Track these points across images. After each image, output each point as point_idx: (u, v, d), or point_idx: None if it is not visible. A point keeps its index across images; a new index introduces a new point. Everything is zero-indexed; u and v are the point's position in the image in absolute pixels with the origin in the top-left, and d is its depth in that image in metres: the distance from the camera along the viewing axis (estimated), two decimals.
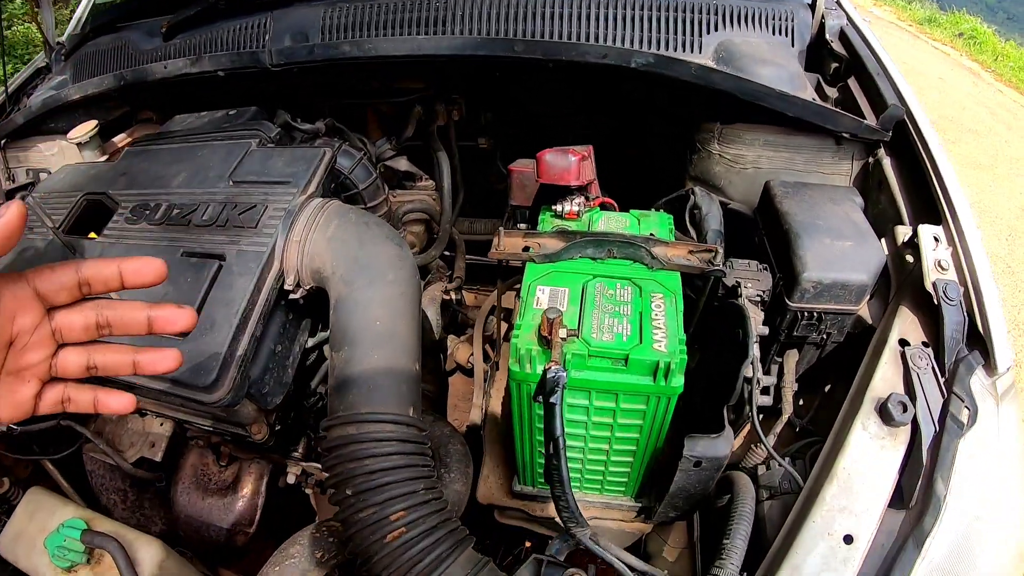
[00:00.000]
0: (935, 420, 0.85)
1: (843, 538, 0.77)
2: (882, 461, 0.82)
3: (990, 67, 7.87)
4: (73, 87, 1.71)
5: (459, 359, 1.59)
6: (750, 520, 0.83)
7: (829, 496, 0.80)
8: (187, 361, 0.94)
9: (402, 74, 1.51)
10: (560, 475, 0.75)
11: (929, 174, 1.13)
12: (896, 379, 0.89)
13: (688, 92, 1.23)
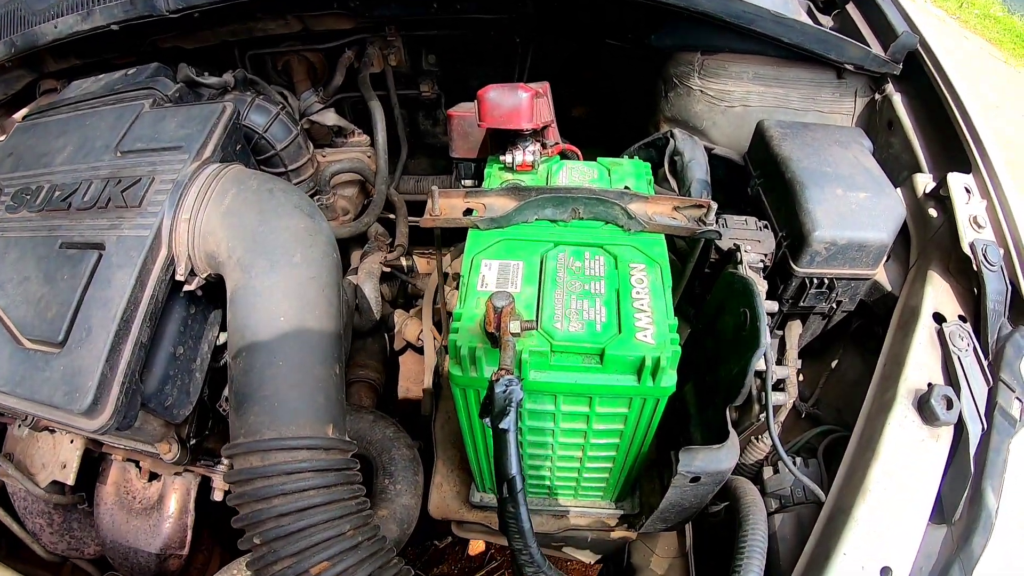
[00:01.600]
0: (981, 414, 0.67)
1: (880, 571, 0.59)
2: (923, 469, 0.65)
3: (955, 14, 7.72)
4: None
5: (408, 337, 1.40)
6: (763, 548, 0.65)
7: (861, 517, 0.62)
8: (62, 381, 0.73)
9: (323, 12, 1.26)
10: (519, 525, 0.55)
11: (953, 112, 0.94)
12: (934, 364, 0.72)
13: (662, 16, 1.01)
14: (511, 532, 0.55)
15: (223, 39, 1.40)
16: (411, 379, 1.50)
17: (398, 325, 1.43)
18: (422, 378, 1.33)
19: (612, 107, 1.37)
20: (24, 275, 0.87)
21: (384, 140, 1.36)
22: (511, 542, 0.57)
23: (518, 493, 0.53)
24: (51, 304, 0.82)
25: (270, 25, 1.31)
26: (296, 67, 1.44)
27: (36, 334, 0.81)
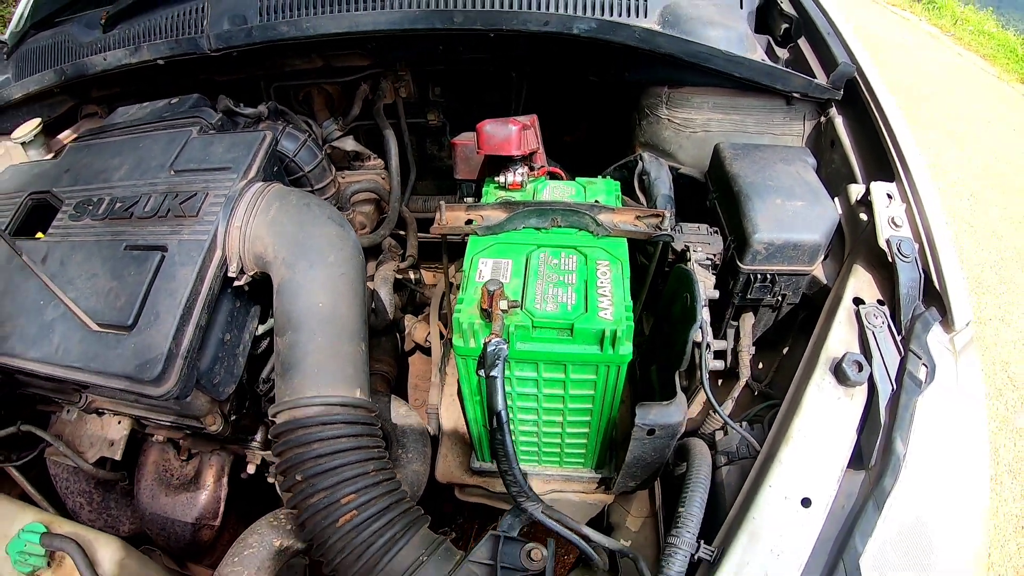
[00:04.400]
0: (892, 378, 0.83)
1: (801, 501, 0.75)
2: (838, 421, 0.80)
3: (949, 31, 7.91)
4: (15, 86, 1.67)
5: (417, 339, 1.56)
6: (706, 487, 0.81)
7: (785, 458, 0.78)
8: (134, 356, 0.90)
9: (344, 52, 1.46)
10: (505, 450, 0.72)
11: (881, 131, 1.11)
12: (851, 338, 0.87)
13: (634, 57, 1.19)
14: (499, 456, 0.72)
15: (253, 73, 1.60)
16: (419, 376, 1.67)
17: (408, 328, 1.60)
18: (428, 377, 1.48)
19: (596, 134, 1.55)
20: (92, 272, 1.03)
21: (397, 164, 1.55)
22: (499, 464, 0.74)
23: (504, 424, 0.70)
24: (120, 295, 0.98)
25: (296, 62, 1.50)
26: (316, 98, 1.63)
27: (106, 319, 0.97)
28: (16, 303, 1.08)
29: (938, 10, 8.43)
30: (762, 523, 0.73)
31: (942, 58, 6.80)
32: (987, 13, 8.71)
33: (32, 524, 1.06)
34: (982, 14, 8.56)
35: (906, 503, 0.76)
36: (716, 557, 0.72)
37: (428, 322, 1.55)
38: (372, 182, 1.54)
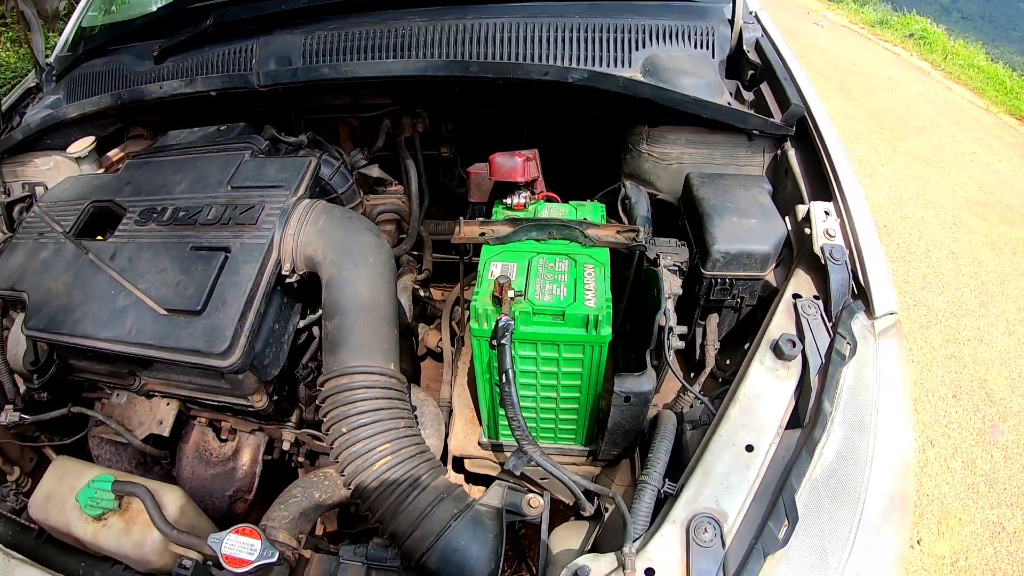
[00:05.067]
0: (822, 354, 1.04)
1: (745, 447, 0.96)
2: (776, 387, 1.02)
3: (940, 66, 8.26)
4: (70, 106, 1.89)
5: (429, 344, 1.78)
6: (670, 440, 1.03)
7: (733, 415, 0.99)
8: (203, 334, 1.13)
9: (373, 92, 1.71)
10: (511, 400, 0.95)
11: (823, 161, 1.34)
12: (789, 324, 1.10)
13: (620, 101, 1.44)
14: (506, 405, 0.95)
15: (289, 106, 1.85)
16: (431, 379, 1.90)
17: (421, 335, 1.82)
18: (439, 379, 1.68)
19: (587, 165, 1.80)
20: (160, 268, 1.25)
21: (416, 189, 1.80)
22: (507, 412, 0.96)
23: (511, 379, 0.93)
24: (189, 286, 1.19)
25: (328, 98, 1.76)
26: (341, 130, 1.89)
27: (175, 305, 1.18)
28: (86, 293, 1.28)
29: (929, 45, 8.82)
30: (713, 463, 0.94)
31: (931, 92, 7.13)
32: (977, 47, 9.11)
33: (102, 476, 1.21)
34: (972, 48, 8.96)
35: (833, 451, 0.96)
36: (677, 492, 0.94)
37: (439, 330, 1.78)
38: (394, 204, 1.79)
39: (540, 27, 1.57)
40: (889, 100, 6.61)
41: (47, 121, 1.85)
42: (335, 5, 1.68)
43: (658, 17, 1.62)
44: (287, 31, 1.71)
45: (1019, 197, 5.03)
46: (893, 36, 9.31)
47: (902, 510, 0.93)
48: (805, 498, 0.91)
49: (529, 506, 1.05)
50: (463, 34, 1.57)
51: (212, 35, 1.78)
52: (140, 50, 1.95)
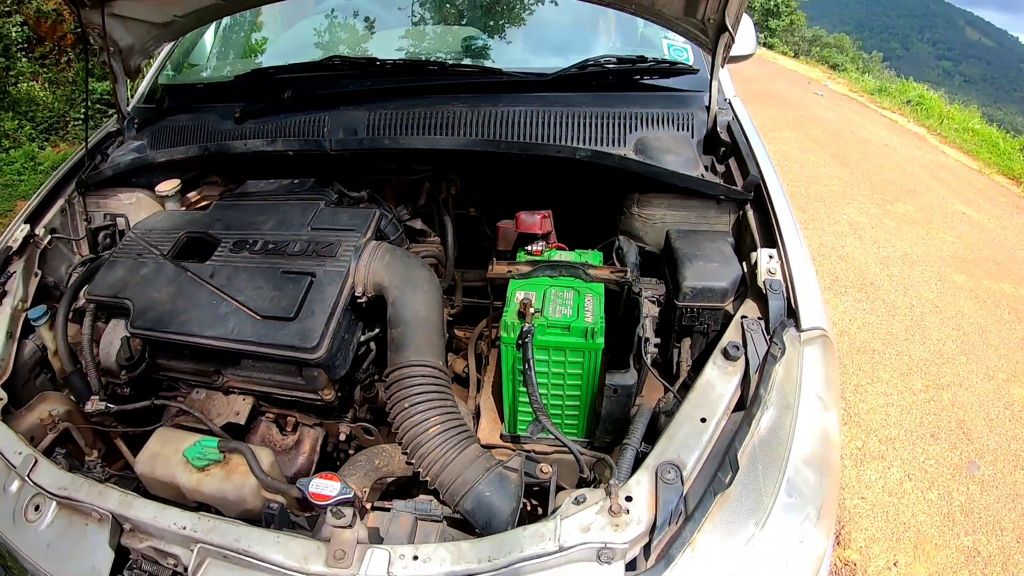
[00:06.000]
0: (760, 356, 1.42)
1: (700, 419, 1.32)
2: (725, 380, 1.40)
3: (936, 130, 8.84)
4: (159, 151, 2.28)
5: (456, 370, 2.14)
6: (647, 417, 1.43)
7: (692, 398, 1.36)
8: (297, 335, 1.53)
9: (418, 160, 2.19)
10: (531, 380, 1.37)
11: (771, 218, 1.75)
12: (736, 337, 1.49)
13: (616, 173, 1.88)
14: (528, 384, 1.36)
15: (348, 167, 2.20)
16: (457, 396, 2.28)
17: (450, 362, 2.19)
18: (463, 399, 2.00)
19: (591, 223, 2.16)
20: (256, 286, 1.62)
21: (451, 241, 2.23)
22: (528, 391, 1.37)
23: (531, 366, 1.35)
24: (282, 299, 1.56)
25: (382, 163, 2.22)
26: (386, 189, 2.32)
27: (271, 313, 1.54)
28: (190, 302, 1.64)
29: (926, 111, 9.45)
30: (676, 431, 1.30)
31: (926, 156, 7.68)
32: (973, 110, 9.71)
33: (206, 438, 1.52)
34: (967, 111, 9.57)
35: (767, 424, 1.30)
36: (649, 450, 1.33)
37: (465, 358, 2.15)
38: (433, 252, 2.21)
39: (555, 114, 2.05)
40: (883, 165, 7.11)
41: (137, 162, 2.24)
42: (393, 90, 2.17)
43: (648, 106, 2.10)
44: (353, 108, 2.20)
45: (1006, 253, 5.42)
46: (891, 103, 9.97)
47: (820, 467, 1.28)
48: (745, 457, 1.24)
49: (541, 472, 1.45)
50: (494, 118, 2.06)
51: (288, 105, 2.26)
52: (222, 110, 2.41)
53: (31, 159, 6.86)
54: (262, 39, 3.47)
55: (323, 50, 3.16)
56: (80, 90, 8.08)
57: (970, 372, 3.96)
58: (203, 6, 2.23)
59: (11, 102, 7.52)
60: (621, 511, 1.16)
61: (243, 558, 1.21)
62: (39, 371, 1.94)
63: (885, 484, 3.14)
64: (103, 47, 2.31)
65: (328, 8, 3.27)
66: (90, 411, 1.76)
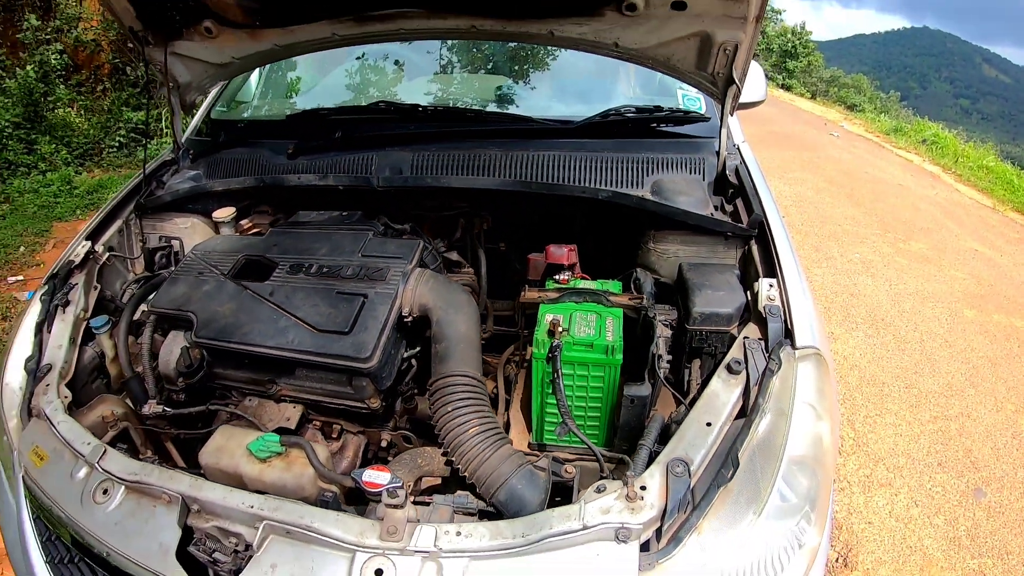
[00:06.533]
0: (759, 371, 1.63)
1: (706, 424, 1.53)
2: (728, 391, 1.61)
3: (950, 169, 9.05)
4: (216, 181, 2.50)
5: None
6: (660, 423, 1.64)
7: (699, 406, 1.58)
8: (351, 346, 1.73)
9: (455, 197, 2.46)
10: (559, 388, 1.61)
11: (772, 251, 1.97)
12: (739, 354, 1.70)
13: (634, 212, 2.13)
14: (556, 391, 1.60)
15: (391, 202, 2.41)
16: None
17: None
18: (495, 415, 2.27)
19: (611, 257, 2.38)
20: (313, 303, 1.81)
21: (484, 272, 2.45)
22: (556, 397, 1.61)
23: (559, 375, 1.58)
24: (337, 316, 1.74)
25: (422, 200, 2.49)
26: (424, 223, 2.60)
27: (327, 327, 1.72)
28: (251, 315, 1.82)
29: (941, 149, 9.68)
30: (685, 432, 1.50)
31: (939, 195, 7.90)
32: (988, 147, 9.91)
33: (268, 433, 1.67)
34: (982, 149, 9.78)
35: (764, 428, 1.51)
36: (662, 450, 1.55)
37: (494, 380, 2.35)
38: (467, 281, 2.46)
39: (580, 159, 2.32)
40: (897, 204, 7.33)
41: (195, 190, 2.47)
42: (434, 134, 2.46)
43: (663, 152, 2.37)
44: (398, 149, 2.47)
45: (1017, 288, 5.57)
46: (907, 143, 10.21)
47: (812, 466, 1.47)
48: (745, 456, 1.42)
49: (565, 471, 1.68)
50: (525, 161, 2.32)
51: (338, 144, 2.54)
52: (274, 146, 2.67)
53: (67, 182, 7.28)
54: (296, 79, 3.81)
55: (354, 91, 3.55)
56: (116, 119, 8.55)
57: (978, 404, 4.12)
58: (260, 50, 2.48)
59: (48, 127, 8.02)
60: (637, 497, 1.37)
61: (306, 533, 1.36)
62: (96, 376, 2.11)
63: (892, 510, 3.31)
64: (163, 83, 2.58)
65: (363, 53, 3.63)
66: (147, 413, 1.91)
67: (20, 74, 7.77)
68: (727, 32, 1.93)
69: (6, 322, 4.59)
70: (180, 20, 2.30)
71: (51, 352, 1.97)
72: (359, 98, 3.51)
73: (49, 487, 1.62)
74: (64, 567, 1.64)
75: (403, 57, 3.66)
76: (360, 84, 3.66)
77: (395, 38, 2.36)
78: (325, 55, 3.74)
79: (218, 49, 2.46)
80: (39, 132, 7.81)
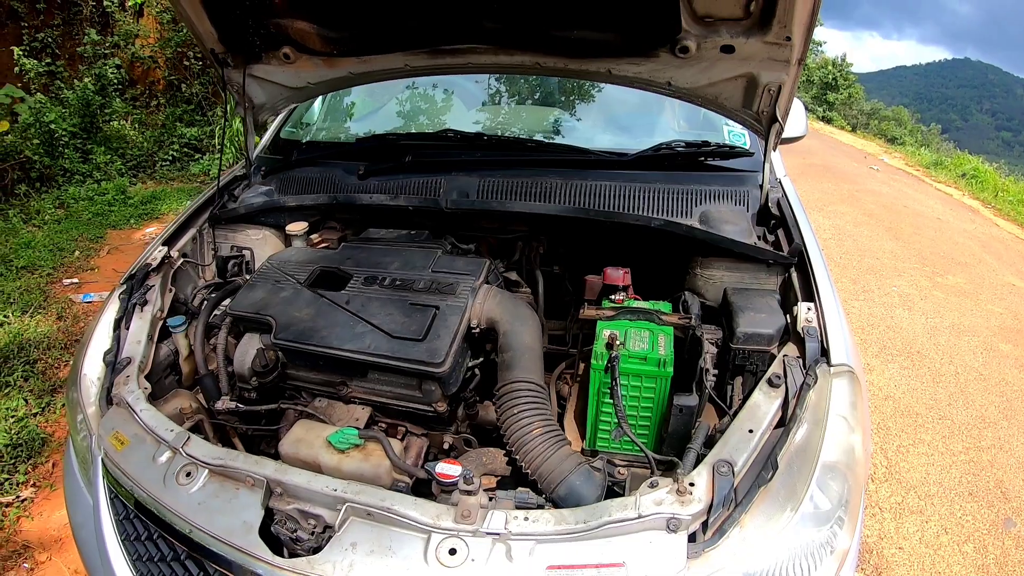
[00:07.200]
0: (797, 385, 1.81)
1: (748, 431, 1.71)
2: (769, 402, 1.79)
3: (990, 203, 9.11)
4: (290, 196, 2.71)
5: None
6: (707, 429, 1.83)
7: (742, 415, 1.76)
8: (426, 352, 1.92)
9: (516, 221, 2.69)
10: (617, 394, 1.83)
11: (811, 278, 2.16)
12: (779, 370, 1.88)
13: (683, 239, 2.34)
14: (614, 397, 1.81)
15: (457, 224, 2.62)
16: None
17: None
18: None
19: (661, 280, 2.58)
20: (388, 312, 1.97)
21: (541, 291, 2.64)
22: (614, 403, 1.82)
23: (617, 383, 1.80)
24: (411, 324, 1.90)
25: (485, 222, 2.73)
26: (482, 244, 2.81)
27: (402, 334, 1.87)
28: (329, 321, 1.97)
29: (980, 184, 9.75)
30: (729, 438, 1.68)
31: (978, 229, 7.99)
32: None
33: (347, 428, 1.80)
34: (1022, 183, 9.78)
35: (801, 436, 1.68)
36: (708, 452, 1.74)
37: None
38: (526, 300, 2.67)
39: (634, 189, 2.53)
40: (935, 238, 7.43)
41: (269, 204, 2.67)
42: (498, 161, 2.72)
43: (711, 184, 2.58)
44: (465, 174, 2.68)
45: None
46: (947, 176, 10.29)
47: (844, 472, 1.64)
48: (784, 460, 1.56)
49: (618, 473, 1.89)
50: (583, 190, 2.54)
51: (407, 167, 2.77)
52: (346, 166, 2.83)
53: (122, 192, 7.70)
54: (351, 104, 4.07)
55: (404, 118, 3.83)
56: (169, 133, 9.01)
57: (1011, 436, 4.22)
58: (334, 77, 2.63)
59: (103, 138, 8.51)
60: (686, 492, 1.54)
61: (385, 515, 1.48)
62: (169, 372, 2.25)
63: (922, 536, 3.44)
64: (239, 102, 2.79)
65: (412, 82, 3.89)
66: (220, 409, 2.05)
67: (78, 86, 8.26)
68: (772, 74, 2.13)
69: (61, 321, 4.88)
70: (260, 45, 2.49)
71: (130, 347, 2.11)
72: (410, 125, 3.78)
73: (131, 469, 1.74)
74: (140, 543, 1.75)
75: (453, 86, 3.91)
76: (410, 112, 3.92)
77: (463, 71, 2.61)
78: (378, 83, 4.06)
79: (295, 74, 2.63)
80: (95, 142, 8.28)
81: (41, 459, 3.58)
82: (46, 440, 3.70)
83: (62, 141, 7.65)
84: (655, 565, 1.43)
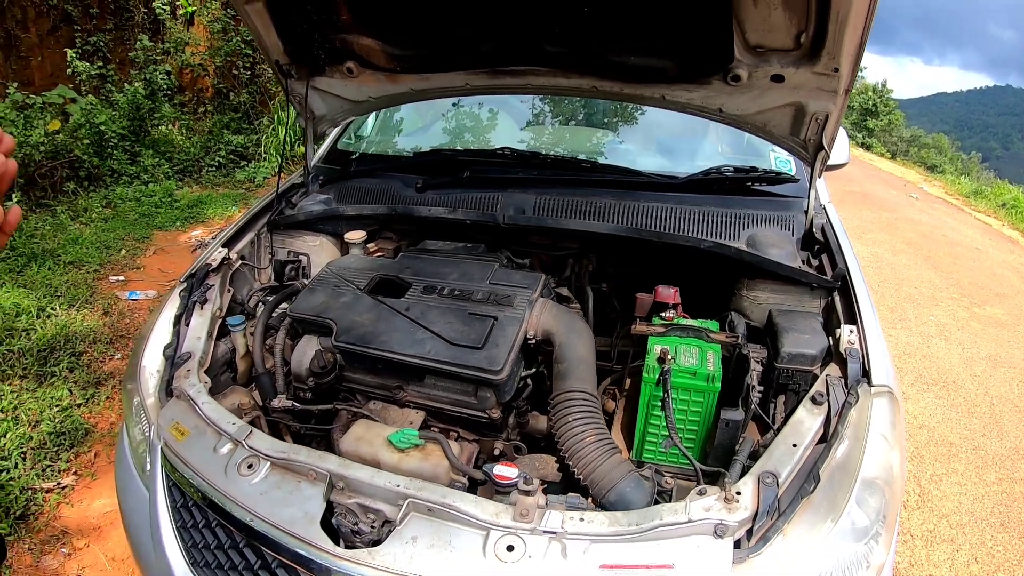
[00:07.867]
0: (840, 403, 1.91)
1: (792, 444, 1.81)
2: (812, 418, 1.89)
3: None
4: (349, 206, 2.80)
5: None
6: (752, 443, 1.95)
7: (786, 431, 1.86)
8: (484, 359, 2.02)
9: (568, 239, 2.82)
10: (669, 406, 1.95)
11: (853, 301, 2.27)
12: (822, 388, 1.98)
13: (731, 261, 2.45)
14: (665, 408, 1.94)
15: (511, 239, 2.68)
16: None
17: None
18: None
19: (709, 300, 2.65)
20: (447, 321, 2.03)
21: (591, 308, 2.71)
22: (666, 414, 1.94)
23: (669, 396, 1.93)
24: (470, 332, 1.96)
25: (538, 238, 2.86)
26: (534, 259, 2.92)
27: (461, 342, 1.92)
28: (389, 327, 2.04)
29: (1020, 214, 9.70)
30: (773, 451, 1.77)
31: (1017, 260, 8.01)
32: None
33: (407, 428, 1.86)
34: None
35: (842, 451, 1.77)
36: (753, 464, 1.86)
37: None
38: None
39: (685, 211, 2.66)
40: (974, 268, 7.44)
41: (327, 212, 2.76)
42: (553, 180, 2.86)
43: (759, 209, 2.70)
44: (521, 191, 2.81)
45: None
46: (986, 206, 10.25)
47: (882, 487, 1.73)
48: (825, 474, 1.63)
49: (666, 483, 2.01)
50: (635, 210, 2.67)
51: (464, 182, 2.92)
52: (404, 179, 2.97)
53: (169, 195, 7.97)
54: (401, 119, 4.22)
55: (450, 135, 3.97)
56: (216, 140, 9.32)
57: None
58: (395, 92, 2.74)
59: (152, 141, 8.82)
60: (733, 500, 1.64)
61: (446, 511, 1.54)
62: (226, 369, 2.33)
63: (952, 564, 3.49)
64: (300, 113, 2.93)
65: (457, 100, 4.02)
66: (276, 407, 2.11)
67: (129, 89, 8.57)
68: (819, 103, 2.24)
69: (107, 316, 5.05)
70: (325, 59, 2.59)
71: (190, 342, 2.19)
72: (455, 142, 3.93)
73: (191, 459, 1.80)
74: (196, 531, 1.80)
75: (499, 105, 4.05)
76: (457, 128, 4.08)
77: (522, 91, 2.74)
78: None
79: (356, 88, 2.74)
80: (143, 145, 8.59)
81: (83, 448, 3.70)
82: (89, 431, 3.83)
83: (111, 142, 7.87)
84: (702, 568, 1.50)
